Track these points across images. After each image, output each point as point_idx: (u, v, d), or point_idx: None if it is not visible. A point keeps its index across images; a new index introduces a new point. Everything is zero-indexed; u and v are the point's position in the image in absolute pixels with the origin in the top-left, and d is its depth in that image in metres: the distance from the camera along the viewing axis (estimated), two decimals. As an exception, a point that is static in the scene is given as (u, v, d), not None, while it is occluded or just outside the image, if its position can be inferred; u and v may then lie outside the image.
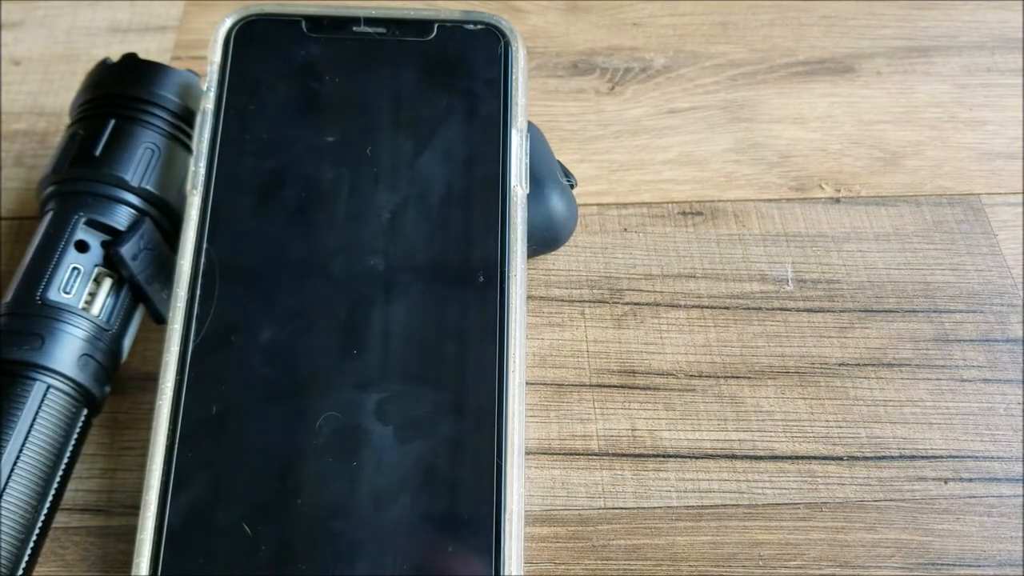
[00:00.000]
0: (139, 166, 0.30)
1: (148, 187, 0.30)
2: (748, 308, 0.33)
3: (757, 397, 0.31)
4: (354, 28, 0.31)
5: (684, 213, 0.35)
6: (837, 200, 0.36)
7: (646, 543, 0.28)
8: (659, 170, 0.37)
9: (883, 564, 0.28)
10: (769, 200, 0.36)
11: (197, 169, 0.29)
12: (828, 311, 0.33)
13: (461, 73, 0.31)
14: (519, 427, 0.26)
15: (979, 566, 0.28)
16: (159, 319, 0.30)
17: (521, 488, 0.25)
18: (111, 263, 0.29)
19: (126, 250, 0.29)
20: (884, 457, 0.30)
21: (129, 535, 0.25)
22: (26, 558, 0.25)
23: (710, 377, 0.31)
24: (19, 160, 0.37)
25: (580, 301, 0.33)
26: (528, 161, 0.29)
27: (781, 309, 0.33)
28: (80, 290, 0.28)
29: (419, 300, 0.27)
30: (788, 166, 0.37)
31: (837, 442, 0.30)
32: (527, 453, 0.29)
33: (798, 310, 0.33)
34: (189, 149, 0.30)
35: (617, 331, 0.32)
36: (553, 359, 0.32)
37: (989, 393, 0.31)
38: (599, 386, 0.31)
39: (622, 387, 0.31)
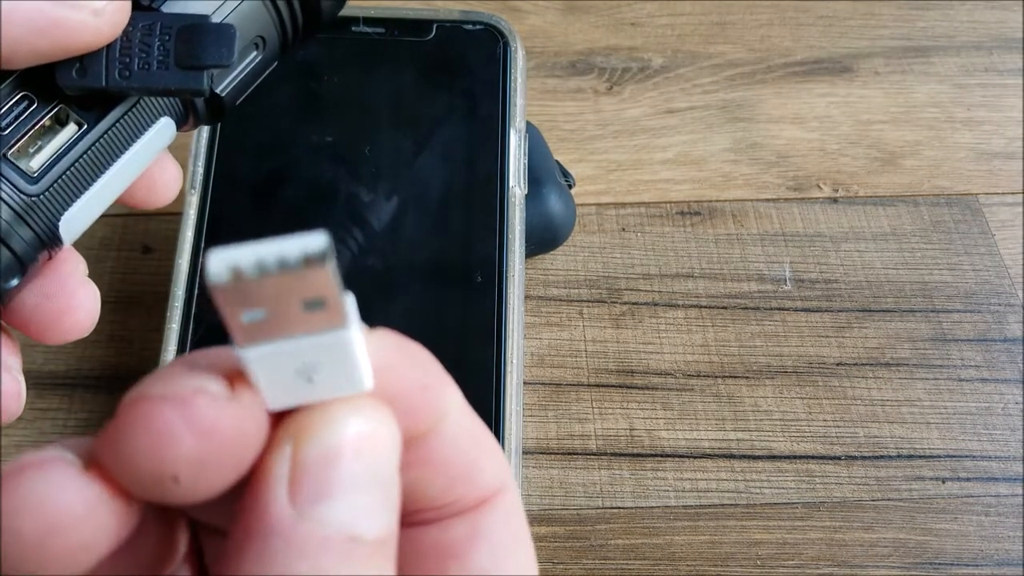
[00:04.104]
0: None
1: None
2: (746, 308, 0.33)
3: (755, 397, 0.31)
4: (353, 28, 0.31)
5: (682, 213, 0.35)
6: (835, 200, 0.36)
7: (644, 542, 0.28)
8: (657, 170, 0.37)
9: (881, 563, 0.28)
10: (767, 200, 0.36)
11: (195, 169, 0.29)
12: (826, 311, 0.33)
13: (460, 73, 0.31)
14: (516, 427, 0.26)
15: (977, 565, 0.28)
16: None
17: (518, 488, 0.25)
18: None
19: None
20: (882, 457, 0.30)
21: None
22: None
23: (708, 377, 0.31)
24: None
25: (578, 301, 0.33)
26: (526, 161, 0.29)
27: (779, 309, 0.33)
28: (17, 130, 0.18)
29: (417, 299, 0.27)
30: (786, 166, 0.37)
31: (835, 442, 0.30)
32: (525, 452, 0.29)
33: (796, 310, 0.33)
34: None
35: (615, 331, 0.32)
36: (551, 359, 0.32)
37: (987, 393, 0.31)
38: (597, 386, 0.31)
39: (620, 387, 0.31)
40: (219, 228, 0.28)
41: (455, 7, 0.32)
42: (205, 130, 0.29)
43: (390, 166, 0.29)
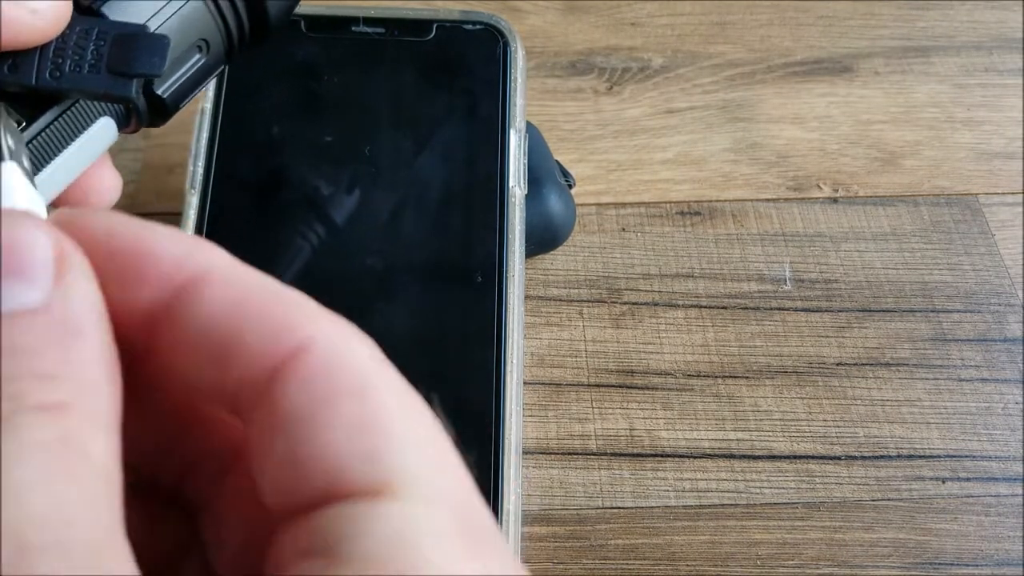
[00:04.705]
0: None
1: None
2: (746, 308, 0.33)
3: (755, 397, 0.31)
4: (353, 28, 0.31)
5: (682, 213, 0.35)
6: (835, 200, 0.36)
7: (644, 543, 0.28)
8: (657, 170, 0.37)
9: (881, 564, 0.28)
10: (767, 200, 0.36)
11: (195, 169, 0.29)
12: (826, 311, 0.33)
13: (460, 73, 0.31)
14: (516, 427, 0.26)
15: (977, 565, 0.28)
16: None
17: (518, 488, 0.25)
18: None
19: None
20: (882, 457, 0.30)
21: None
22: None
23: (708, 377, 0.31)
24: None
25: (578, 301, 0.33)
26: (526, 161, 0.29)
27: (779, 309, 0.33)
28: None
29: (417, 299, 0.27)
30: (786, 166, 0.37)
31: (835, 442, 0.30)
32: (525, 452, 0.29)
33: (796, 310, 0.33)
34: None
35: (615, 331, 0.32)
36: (551, 359, 0.32)
37: (987, 393, 0.31)
38: (597, 386, 0.31)
39: (620, 387, 0.31)
40: (219, 228, 0.28)
41: (455, 7, 0.32)
42: (205, 130, 0.29)
43: (390, 166, 0.29)
